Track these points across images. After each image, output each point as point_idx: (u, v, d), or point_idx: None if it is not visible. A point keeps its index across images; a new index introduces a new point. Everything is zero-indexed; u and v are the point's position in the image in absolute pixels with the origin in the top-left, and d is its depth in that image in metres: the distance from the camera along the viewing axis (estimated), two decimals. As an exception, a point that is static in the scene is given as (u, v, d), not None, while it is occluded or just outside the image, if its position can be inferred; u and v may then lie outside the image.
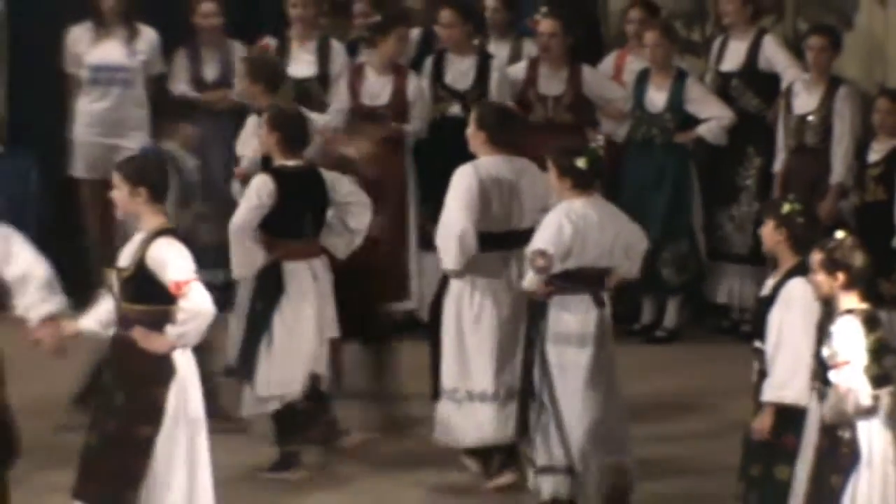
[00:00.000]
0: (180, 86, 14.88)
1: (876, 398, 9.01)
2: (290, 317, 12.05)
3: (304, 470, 12.19)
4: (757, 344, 9.80)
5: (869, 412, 9.02)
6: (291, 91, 14.05)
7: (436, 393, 12.16)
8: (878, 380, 8.96)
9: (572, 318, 11.14)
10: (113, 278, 9.41)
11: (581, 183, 10.99)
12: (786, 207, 9.95)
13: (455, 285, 11.67)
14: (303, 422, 12.33)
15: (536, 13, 14.45)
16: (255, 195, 11.92)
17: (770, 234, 9.84)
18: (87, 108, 14.39)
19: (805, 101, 13.96)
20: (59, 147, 14.44)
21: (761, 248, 10.25)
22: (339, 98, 14.28)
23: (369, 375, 12.96)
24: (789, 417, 9.52)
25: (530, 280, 10.97)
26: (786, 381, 9.46)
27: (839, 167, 13.77)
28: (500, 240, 11.46)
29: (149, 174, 9.57)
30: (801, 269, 9.58)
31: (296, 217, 12.06)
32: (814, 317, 9.60)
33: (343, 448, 12.43)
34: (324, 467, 12.54)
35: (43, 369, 10.97)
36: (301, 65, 14.60)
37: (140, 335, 9.26)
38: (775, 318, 9.66)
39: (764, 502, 9.88)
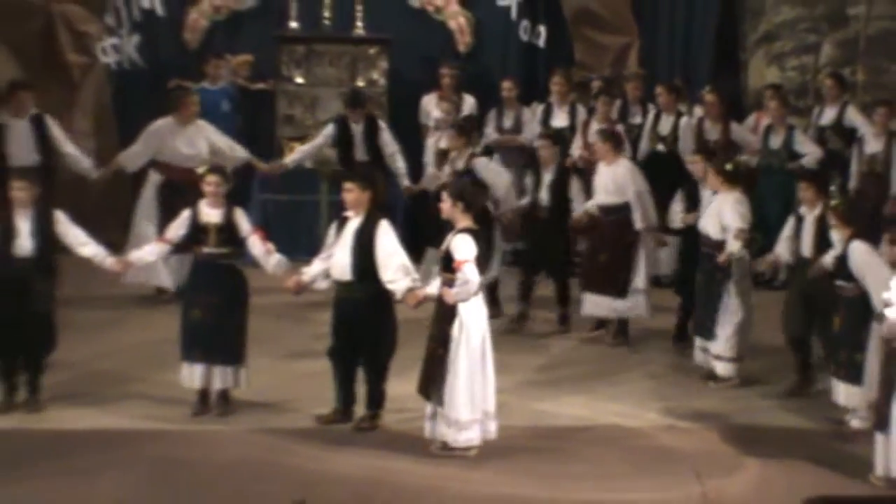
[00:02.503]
0: (488, 131, 14.94)
1: None
2: None
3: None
4: (839, 282, 10.16)
5: None
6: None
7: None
8: None
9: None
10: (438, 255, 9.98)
11: (729, 180, 11.32)
12: (832, 203, 10.55)
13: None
14: None
15: (704, 89, 14.58)
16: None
17: (831, 218, 10.46)
18: (432, 144, 14.13)
19: (872, 145, 13.92)
20: (416, 166, 14.26)
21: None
22: (578, 140, 14.43)
23: None
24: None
25: (738, 249, 11.11)
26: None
27: (896, 185, 14.35)
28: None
29: (465, 193, 9.86)
30: (856, 235, 10.01)
31: None
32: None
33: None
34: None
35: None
36: (559, 119, 14.72)
37: (444, 292, 9.65)
38: (854, 271, 9.91)
39: (849, 375, 10.16)
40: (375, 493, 9.12)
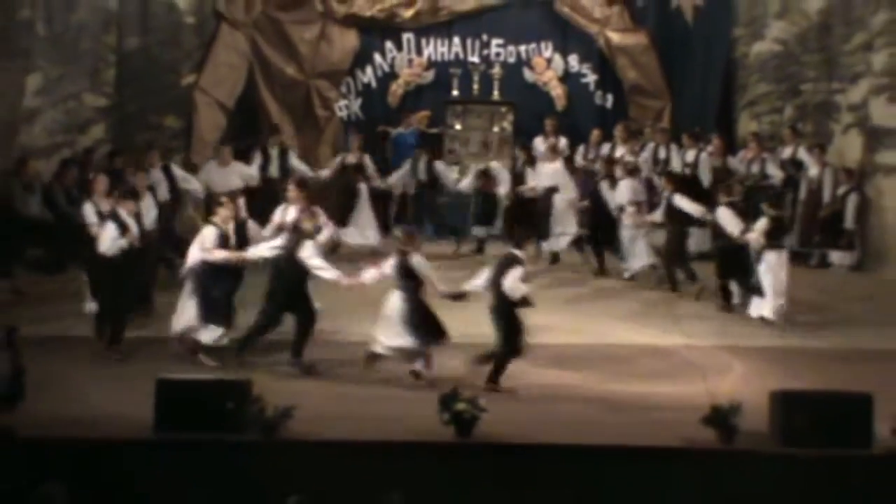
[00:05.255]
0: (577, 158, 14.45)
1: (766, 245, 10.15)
2: None
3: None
4: None
5: (764, 248, 10.17)
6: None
7: None
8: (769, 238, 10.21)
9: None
10: None
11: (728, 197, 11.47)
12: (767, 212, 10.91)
13: None
14: None
15: (712, 136, 14.16)
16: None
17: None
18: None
19: (813, 172, 13.78)
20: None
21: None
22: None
23: None
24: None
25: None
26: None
27: (828, 197, 13.66)
28: None
29: (306, 184, 9.82)
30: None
31: None
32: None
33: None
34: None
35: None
36: (619, 152, 13.97)
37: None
38: None
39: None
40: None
